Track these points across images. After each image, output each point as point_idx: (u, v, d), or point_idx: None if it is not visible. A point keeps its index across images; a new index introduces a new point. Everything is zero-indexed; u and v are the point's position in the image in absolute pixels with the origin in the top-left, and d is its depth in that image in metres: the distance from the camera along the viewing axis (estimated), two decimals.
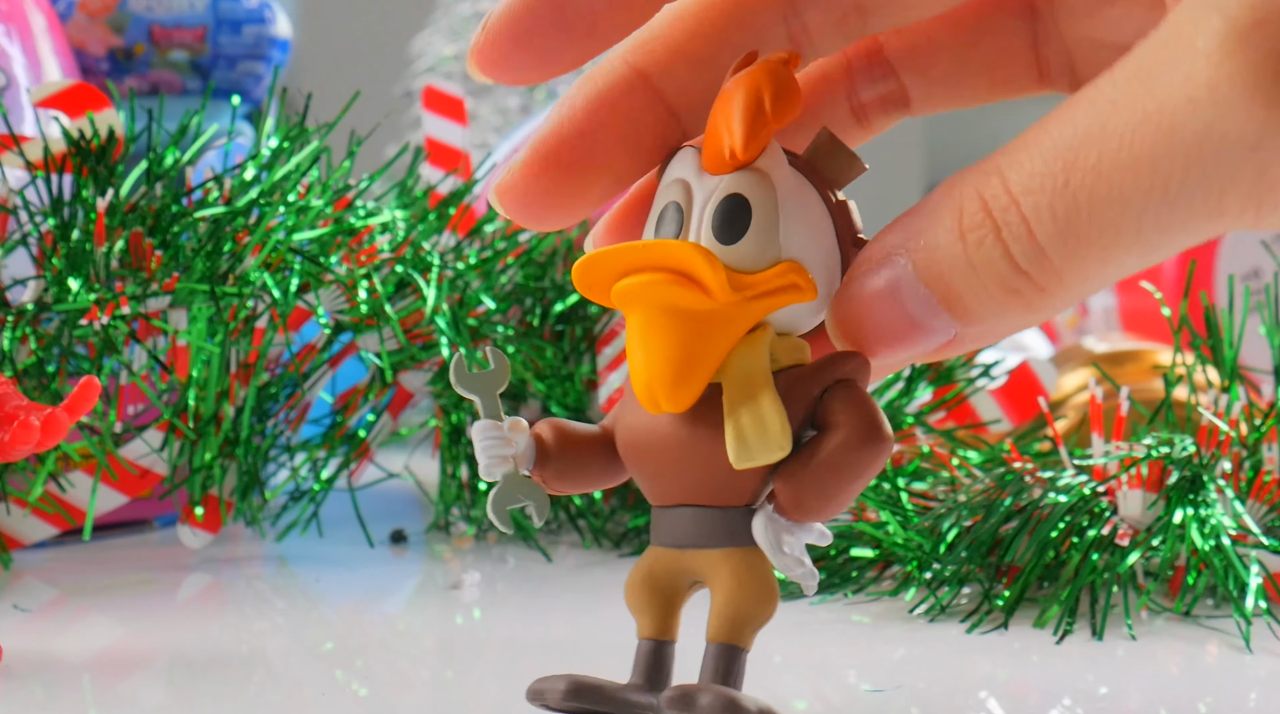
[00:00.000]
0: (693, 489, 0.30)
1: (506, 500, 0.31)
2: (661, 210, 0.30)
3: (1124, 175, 0.23)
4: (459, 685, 0.40)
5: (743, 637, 0.31)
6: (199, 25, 0.77)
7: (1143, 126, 0.23)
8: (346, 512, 0.56)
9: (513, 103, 1.25)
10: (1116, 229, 0.24)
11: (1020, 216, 0.24)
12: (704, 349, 0.29)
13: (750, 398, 0.29)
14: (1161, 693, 0.38)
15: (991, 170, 0.25)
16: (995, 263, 0.25)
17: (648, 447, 0.30)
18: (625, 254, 0.29)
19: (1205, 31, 0.22)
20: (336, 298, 0.54)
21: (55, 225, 0.51)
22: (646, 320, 0.29)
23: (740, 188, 0.29)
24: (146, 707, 0.38)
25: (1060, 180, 0.24)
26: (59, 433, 0.38)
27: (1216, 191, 0.23)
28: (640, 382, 0.29)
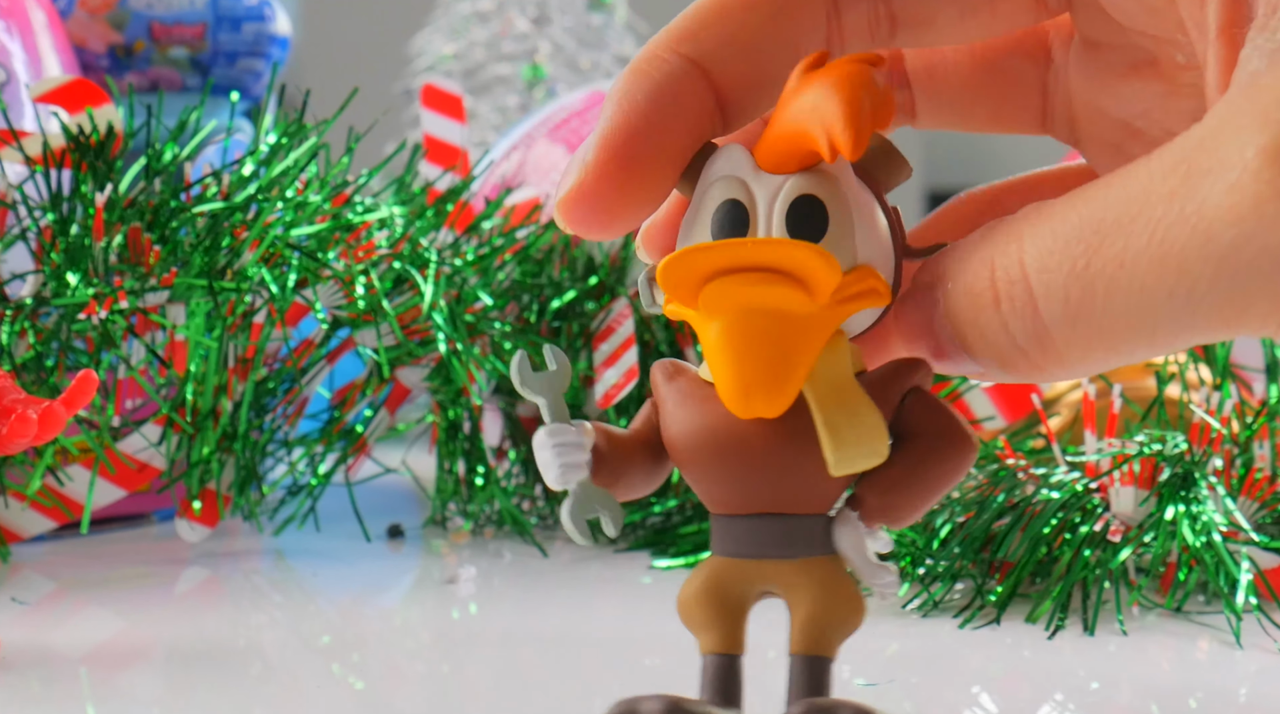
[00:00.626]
0: (773, 498, 0.29)
1: (584, 510, 0.29)
2: (718, 208, 0.28)
3: (1149, 271, 0.23)
4: (454, 679, 0.40)
5: (831, 647, 0.30)
6: (199, 22, 0.77)
7: (1178, 225, 0.23)
8: (344, 506, 0.56)
9: (511, 101, 1.25)
10: (1130, 323, 0.24)
11: (1028, 292, 0.24)
12: (799, 352, 0.28)
13: (844, 403, 0.28)
14: (1152, 688, 0.38)
15: (1013, 238, 0.25)
16: (993, 333, 0.25)
17: (723, 453, 0.29)
18: (724, 252, 0.27)
19: (1252, 144, 0.22)
20: (334, 293, 0.54)
21: (54, 220, 0.51)
22: (740, 323, 0.28)
23: (813, 189, 0.28)
24: (144, 699, 0.38)
25: (1080, 263, 0.24)
26: (56, 426, 0.38)
27: (1242, 301, 0.23)
28: (733, 385, 0.28)
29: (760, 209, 0.28)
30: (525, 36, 1.27)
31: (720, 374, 0.28)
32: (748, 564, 0.30)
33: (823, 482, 0.29)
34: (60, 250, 0.50)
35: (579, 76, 1.25)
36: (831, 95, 0.26)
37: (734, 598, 0.30)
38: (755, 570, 0.29)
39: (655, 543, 0.54)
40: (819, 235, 0.28)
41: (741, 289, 0.27)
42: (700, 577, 0.30)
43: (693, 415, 0.29)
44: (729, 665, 0.30)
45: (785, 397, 0.28)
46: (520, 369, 0.29)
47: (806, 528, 0.29)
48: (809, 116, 0.27)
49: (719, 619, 0.30)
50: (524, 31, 1.27)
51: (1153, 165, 0.23)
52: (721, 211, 0.28)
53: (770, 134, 0.28)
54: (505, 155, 0.70)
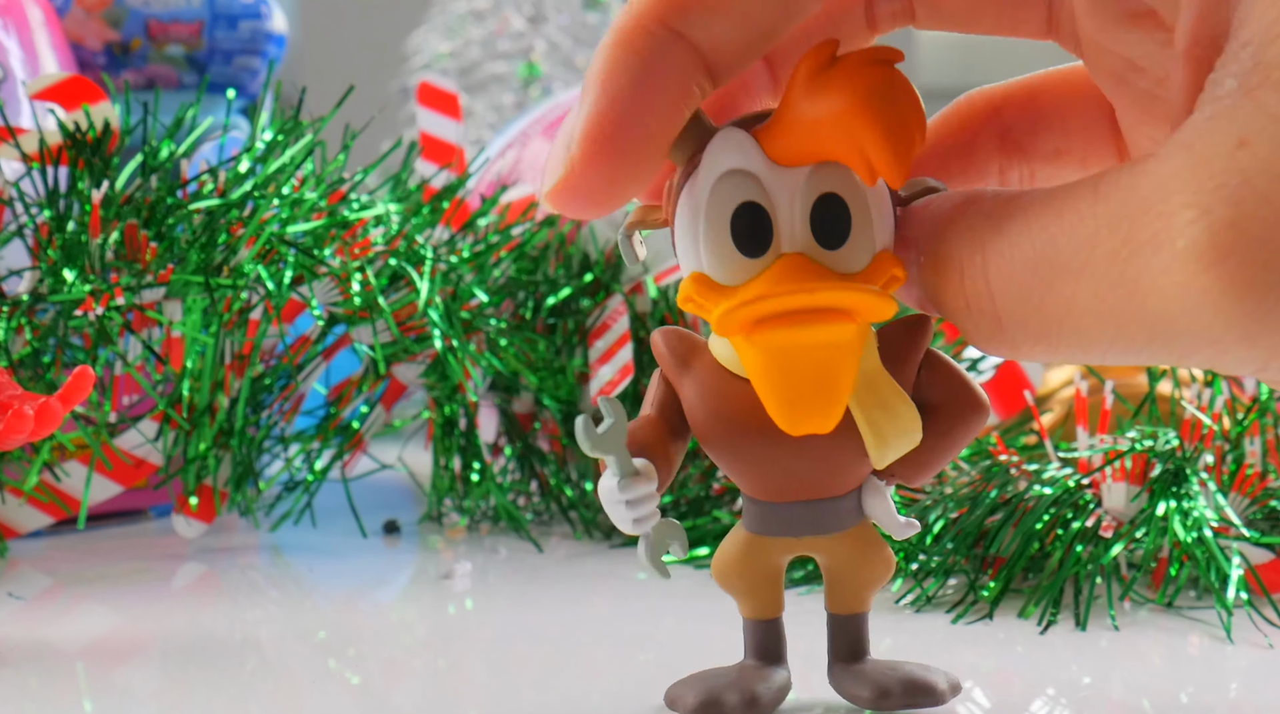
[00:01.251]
0: (813, 487, 0.30)
1: (660, 550, 0.30)
2: (738, 211, 0.28)
3: (1092, 321, 0.25)
4: (450, 674, 0.40)
5: (866, 603, 0.32)
6: (195, 20, 0.77)
7: (1118, 288, 0.24)
8: (340, 502, 0.56)
9: (507, 99, 1.24)
10: (1080, 352, 0.26)
11: (993, 308, 0.26)
12: (847, 368, 0.28)
13: (880, 398, 0.29)
14: (1144, 683, 0.38)
15: (978, 247, 0.26)
16: (962, 328, 0.27)
17: (764, 451, 0.30)
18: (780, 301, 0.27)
19: (1188, 234, 0.23)
20: (330, 290, 0.54)
21: (51, 217, 0.51)
22: (792, 357, 0.28)
23: (832, 186, 0.28)
24: (140, 694, 0.38)
25: (1036, 297, 0.25)
26: (53, 422, 0.37)
27: (1175, 356, 0.25)
28: (786, 412, 0.28)
29: (781, 211, 0.28)
30: (521, 35, 1.26)
31: (771, 400, 0.28)
32: (788, 541, 0.31)
33: (860, 466, 0.30)
34: (57, 247, 0.50)
35: (574, 75, 1.25)
36: (868, 119, 0.26)
37: (771, 568, 0.32)
38: (793, 544, 0.31)
39: None
40: (845, 235, 0.28)
41: (795, 332, 0.27)
42: (737, 549, 0.32)
43: (728, 411, 0.30)
44: (772, 628, 0.32)
45: (836, 415, 0.28)
46: (587, 433, 0.29)
47: (843, 506, 0.31)
48: (840, 134, 0.26)
49: (758, 588, 0.32)
50: (520, 30, 1.27)
51: (1099, 216, 0.25)
52: (742, 217, 0.28)
53: (784, 126, 0.27)
54: (500, 153, 0.70)
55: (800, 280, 0.27)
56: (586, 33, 1.28)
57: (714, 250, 0.28)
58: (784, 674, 0.32)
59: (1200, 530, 0.43)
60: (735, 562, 0.32)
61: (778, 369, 0.28)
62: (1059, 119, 0.33)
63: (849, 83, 0.26)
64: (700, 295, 0.28)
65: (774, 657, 0.32)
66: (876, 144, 0.26)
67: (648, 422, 0.30)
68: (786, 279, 0.27)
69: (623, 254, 0.30)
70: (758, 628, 0.32)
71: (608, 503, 0.30)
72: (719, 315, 0.27)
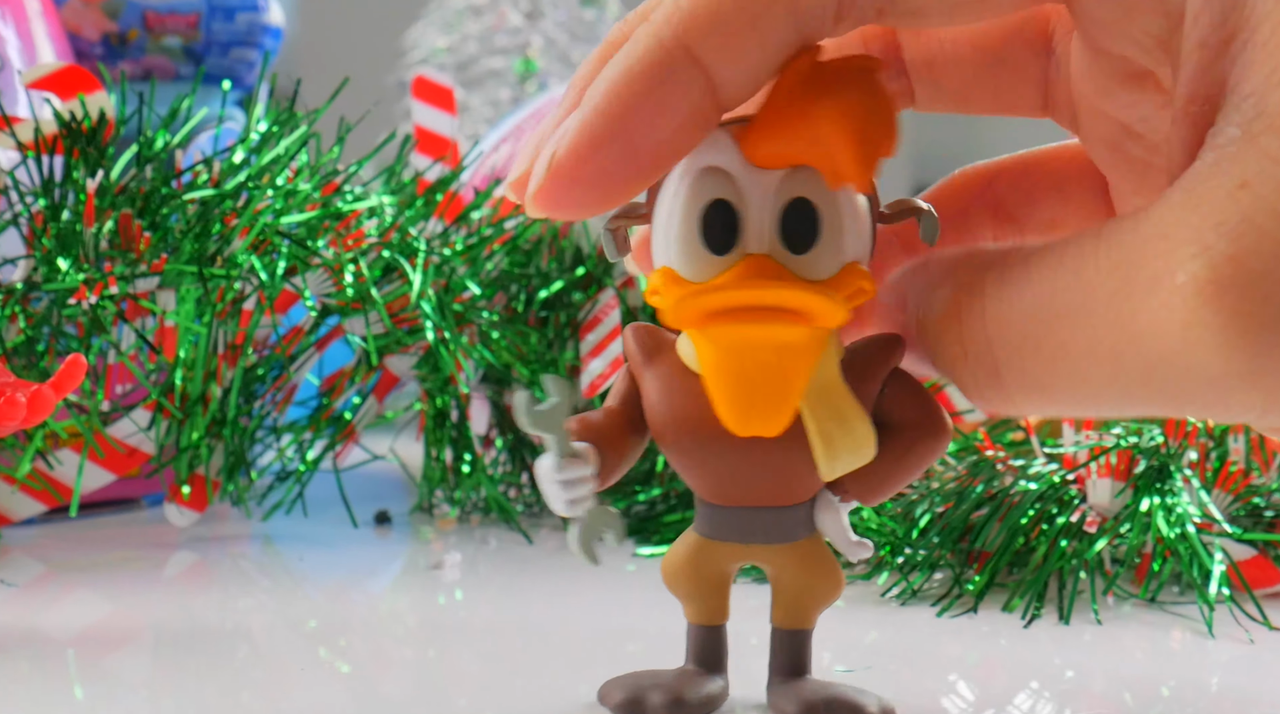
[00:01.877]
0: (764, 494, 0.30)
1: (591, 535, 0.30)
2: (707, 208, 0.28)
3: (1090, 364, 0.24)
4: (440, 664, 0.40)
5: (810, 620, 0.32)
6: (192, 12, 0.77)
7: (1115, 328, 0.24)
8: (331, 492, 0.56)
9: (504, 94, 1.24)
10: (1076, 400, 0.25)
11: (991, 357, 0.26)
12: (799, 372, 0.28)
13: (834, 409, 0.28)
14: (1126, 676, 0.38)
15: (976, 292, 0.26)
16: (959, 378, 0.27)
17: (716, 453, 0.29)
18: (730, 295, 0.27)
19: (1185, 268, 0.23)
20: (323, 281, 0.53)
21: (46, 206, 0.51)
22: (742, 355, 0.28)
23: (805, 191, 0.28)
24: (131, 681, 0.38)
25: (1033, 343, 0.25)
26: (45, 410, 0.37)
27: (1173, 401, 0.24)
28: (734, 411, 0.28)
29: (751, 212, 0.28)
30: (518, 30, 1.26)
31: (720, 397, 0.28)
32: (736, 547, 0.30)
33: (811, 478, 0.29)
34: (51, 236, 0.50)
35: (571, 70, 1.24)
36: (836, 125, 0.26)
37: (719, 574, 0.31)
38: (741, 551, 0.30)
39: (639, 530, 0.54)
40: (812, 240, 0.28)
41: (746, 329, 0.27)
42: (686, 551, 0.31)
43: (682, 409, 0.29)
44: (714, 635, 0.32)
45: (784, 418, 0.28)
46: (526, 409, 0.29)
47: (792, 516, 0.30)
48: (809, 140, 0.26)
49: (704, 592, 0.31)
50: (517, 26, 1.26)
51: (1100, 260, 0.24)
52: (712, 215, 0.28)
53: (761, 129, 0.27)
54: (495, 147, 0.70)
55: (757, 279, 0.27)
56: (583, 29, 1.27)
57: (683, 246, 0.28)
58: (720, 683, 0.32)
59: (1183, 526, 0.43)
60: (683, 564, 0.31)
61: (728, 366, 0.28)
62: (1052, 192, 0.33)
63: (824, 88, 0.26)
64: (664, 289, 0.28)
65: (713, 664, 0.32)
66: (841, 149, 0.26)
67: (607, 412, 0.30)
68: (747, 278, 0.27)
69: (606, 250, 0.29)
70: (700, 633, 0.32)
71: (543, 482, 0.29)
72: (670, 304, 0.27)
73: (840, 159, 0.26)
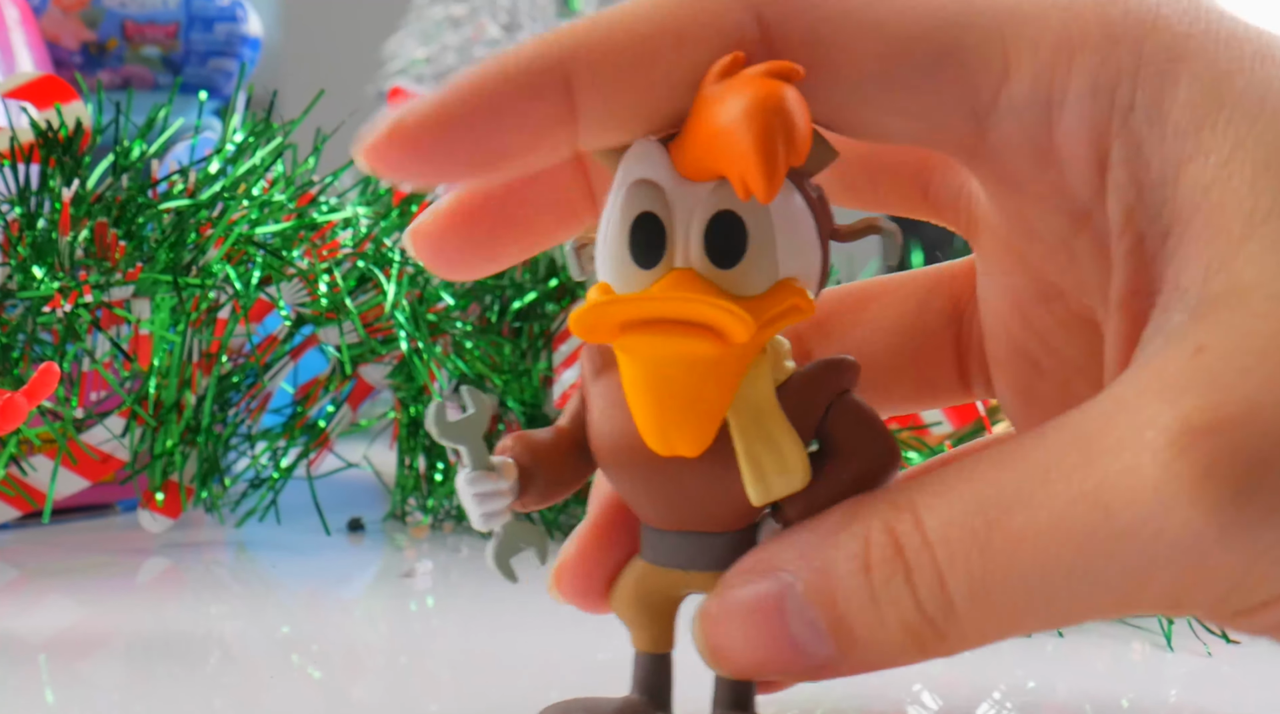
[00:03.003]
0: (700, 519, 0.28)
1: (509, 551, 0.29)
2: (635, 222, 0.27)
3: (1049, 549, 0.22)
4: (412, 670, 0.40)
5: None
6: (171, 22, 0.77)
7: (1079, 502, 0.22)
8: (305, 500, 0.56)
9: None
10: (1030, 599, 0.23)
11: (934, 564, 0.23)
12: (719, 389, 0.27)
13: (762, 431, 0.27)
14: (1087, 688, 0.38)
15: (905, 506, 0.24)
16: (902, 603, 0.24)
17: (650, 476, 0.28)
18: (634, 306, 0.26)
19: (1156, 425, 0.22)
20: (298, 291, 0.53)
21: (21, 214, 0.50)
22: (656, 371, 0.26)
23: (732, 204, 0.26)
24: (104, 686, 0.37)
25: (982, 538, 0.23)
26: (17, 417, 0.37)
27: (1140, 580, 0.22)
28: (653, 429, 0.27)
29: (679, 225, 0.26)
30: (496, 41, 1.26)
31: (639, 416, 0.27)
32: (675, 573, 0.29)
33: (747, 504, 0.28)
34: (27, 244, 0.50)
35: None
36: (745, 131, 0.24)
37: (662, 601, 0.30)
38: (682, 578, 0.29)
39: None
40: (738, 255, 0.26)
41: (654, 341, 0.26)
42: (631, 578, 0.30)
43: (620, 430, 0.28)
44: (659, 664, 0.30)
45: (705, 437, 0.27)
46: (436, 418, 0.28)
47: (732, 543, 0.28)
48: (722, 147, 0.25)
49: (648, 620, 0.30)
50: (495, 37, 1.26)
51: (1050, 440, 0.23)
52: (640, 228, 0.27)
53: (688, 140, 0.26)
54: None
55: (674, 292, 0.26)
56: None
57: (612, 260, 0.27)
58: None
59: None
60: (629, 589, 0.30)
61: (646, 382, 0.26)
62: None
63: (739, 96, 0.25)
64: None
65: (657, 694, 0.30)
66: (747, 158, 0.24)
67: (555, 431, 0.29)
68: (661, 289, 0.26)
69: (570, 269, 0.29)
70: (645, 661, 0.30)
71: (460, 494, 0.28)
72: (574, 315, 0.26)
73: (745, 170, 0.25)
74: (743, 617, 0.26)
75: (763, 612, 0.26)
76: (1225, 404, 0.22)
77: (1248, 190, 0.23)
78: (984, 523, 0.23)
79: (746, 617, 0.26)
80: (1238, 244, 0.23)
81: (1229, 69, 0.24)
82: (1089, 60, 0.24)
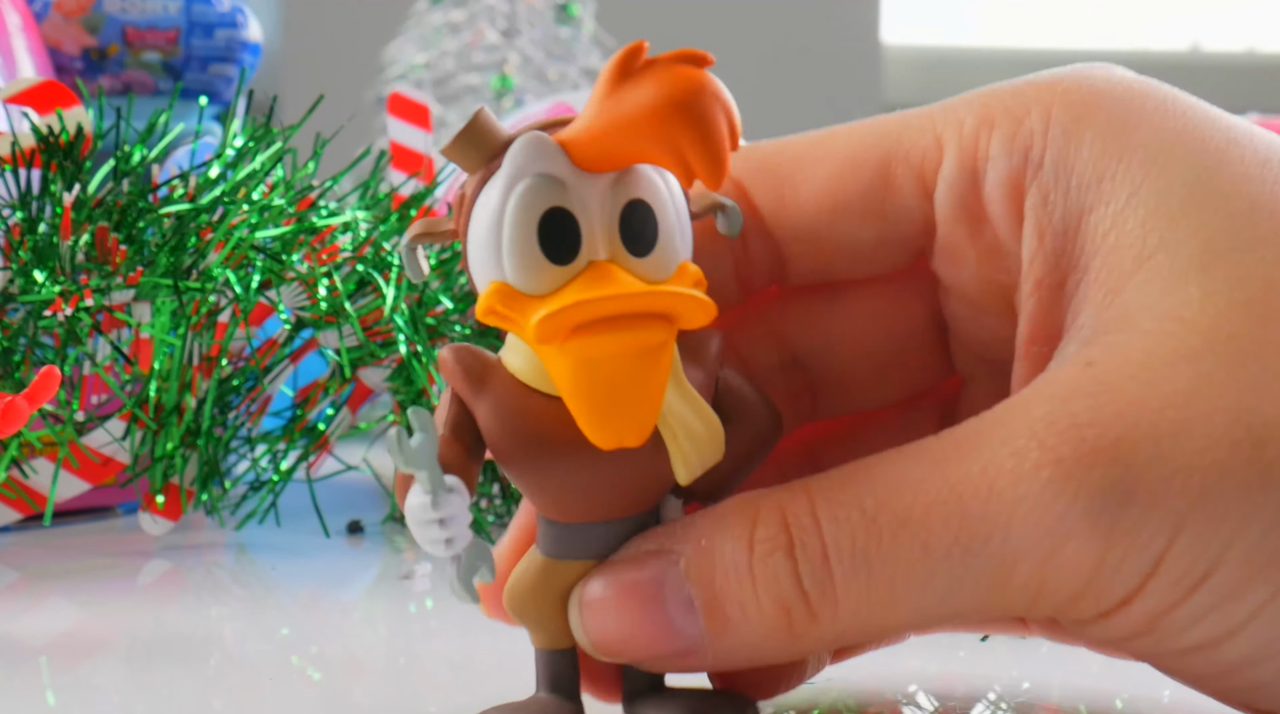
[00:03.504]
0: (615, 506, 0.28)
1: (471, 573, 0.28)
2: (545, 217, 0.26)
3: (930, 529, 0.24)
4: (410, 671, 0.40)
5: None
6: (172, 28, 0.77)
7: (958, 487, 0.24)
8: (305, 502, 0.56)
9: None
10: (909, 579, 0.24)
11: (820, 541, 0.24)
12: (659, 376, 0.27)
13: (684, 412, 0.27)
14: (1082, 688, 0.38)
15: (800, 491, 0.25)
16: (779, 576, 0.25)
17: (568, 471, 0.27)
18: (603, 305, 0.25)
19: (1044, 420, 0.23)
20: (298, 295, 0.53)
21: (23, 218, 0.51)
22: (608, 367, 0.26)
23: (641, 192, 0.26)
24: (105, 688, 0.37)
25: (870, 516, 0.24)
26: (18, 421, 0.37)
27: (1005, 570, 0.24)
28: (600, 424, 0.26)
29: (589, 218, 0.26)
30: (495, 48, 1.27)
31: (584, 412, 0.26)
32: (580, 564, 0.28)
33: (665, 485, 0.28)
34: (28, 248, 0.50)
35: (546, 87, 1.25)
36: (686, 119, 0.25)
37: (563, 595, 0.29)
38: (588, 569, 0.28)
39: None
40: (653, 242, 0.26)
41: (613, 338, 0.26)
42: (531, 575, 0.29)
43: (530, 431, 0.27)
44: (566, 659, 0.30)
45: (648, 425, 0.27)
46: (401, 448, 0.26)
47: (640, 525, 0.28)
48: (655, 137, 0.25)
49: (553, 616, 0.29)
50: (493, 43, 1.27)
51: (948, 436, 0.25)
52: (550, 223, 0.26)
53: (590, 132, 0.26)
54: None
55: (613, 286, 0.26)
56: (558, 47, 1.28)
57: (519, 258, 0.26)
58: (576, 709, 0.30)
59: None
60: (529, 589, 0.29)
61: (590, 379, 0.26)
62: None
63: (659, 84, 0.25)
64: (505, 306, 0.26)
65: (567, 690, 0.30)
66: (694, 146, 0.25)
67: (444, 443, 0.28)
68: (599, 285, 0.26)
69: (407, 269, 0.28)
70: (550, 659, 0.30)
71: (416, 523, 0.27)
72: (537, 323, 0.25)
73: (692, 157, 0.25)
74: (620, 595, 0.27)
75: (640, 589, 0.26)
76: (1109, 404, 0.23)
77: (1139, 232, 0.25)
78: (874, 502, 0.24)
79: (624, 594, 0.27)
80: (1128, 278, 0.25)
81: (1130, 123, 0.26)
82: (1005, 128, 0.27)
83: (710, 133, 0.25)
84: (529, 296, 0.26)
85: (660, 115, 0.25)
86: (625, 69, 0.25)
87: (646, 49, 0.25)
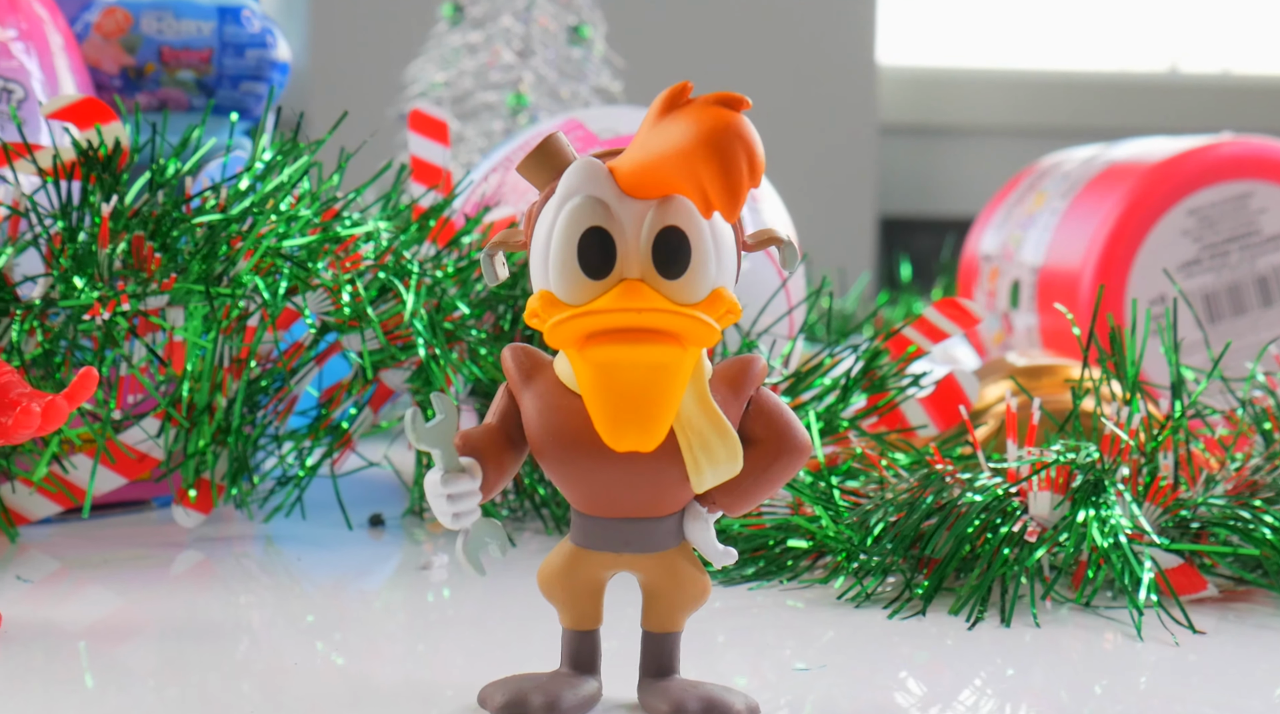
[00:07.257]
0: (638, 506, 0.29)
1: (478, 547, 0.30)
2: (585, 234, 0.27)
3: None
4: (428, 657, 0.40)
5: (678, 623, 0.32)
6: (205, 48, 0.77)
7: None
8: (329, 497, 0.56)
9: (497, 126, 1.24)
10: None
11: None
12: (672, 390, 0.28)
13: (705, 426, 0.28)
14: (1062, 675, 0.38)
15: None
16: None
17: (593, 469, 0.29)
18: (609, 317, 0.27)
19: None
20: (323, 300, 0.54)
21: (63, 227, 0.51)
22: (619, 375, 0.27)
23: (677, 220, 0.27)
24: (139, 672, 0.38)
25: None
26: (59, 419, 0.37)
27: None
28: (612, 428, 0.28)
29: (627, 239, 0.27)
30: (510, 67, 1.27)
31: (598, 414, 0.28)
32: (606, 555, 0.30)
33: (682, 491, 0.29)
34: (68, 255, 0.50)
35: (559, 105, 1.25)
36: (709, 155, 0.26)
37: (592, 581, 0.31)
38: (614, 560, 0.30)
39: None
40: (685, 266, 0.27)
41: (622, 349, 0.27)
42: (561, 560, 0.31)
43: (560, 426, 0.29)
44: (587, 639, 0.31)
45: (659, 434, 0.28)
46: (414, 426, 0.28)
47: (664, 527, 0.30)
48: (682, 170, 0.26)
49: (579, 599, 0.31)
50: (509, 63, 1.27)
51: None
52: (589, 241, 0.27)
53: (634, 161, 0.27)
54: (485, 176, 0.70)
55: (635, 302, 0.27)
56: (571, 67, 1.28)
57: (561, 270, 0.28)
58: (594, 684, 0.31)
59: (1116, 537, 0.44)
60: (558, 573, 0.31)
61: (605, 385, 0.27)
62: None
63: (694, 122, 0.26)
64: (543, 311, 0.28)
65: (587, 667, 0.32)
66: (713, 181, 0.26)
67: (487, 430, 0.30)
68: (622, 300, 0.27)
69: (485, 273, 0.29)
70: (574, 638, 0.31)
71: (431, 496, 0.29)
72: (550, 325, 0.27)
73: (711, 191, 0.26)
74: None
75: None
76: None
77: None
78: None
79: None
80: None
81: None
82: None
83: (730, 169, 0.25)
84: (564, 305, 0.27)
85: (687, 149, 0.26)
86: (669, 106, 0.26)
87: (690, 89, 0.26)
